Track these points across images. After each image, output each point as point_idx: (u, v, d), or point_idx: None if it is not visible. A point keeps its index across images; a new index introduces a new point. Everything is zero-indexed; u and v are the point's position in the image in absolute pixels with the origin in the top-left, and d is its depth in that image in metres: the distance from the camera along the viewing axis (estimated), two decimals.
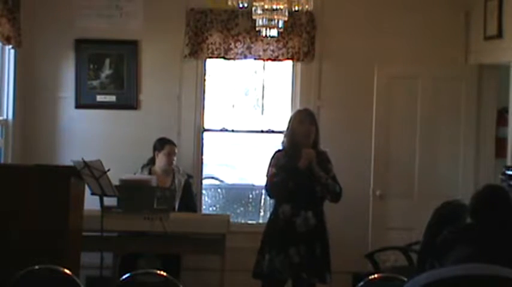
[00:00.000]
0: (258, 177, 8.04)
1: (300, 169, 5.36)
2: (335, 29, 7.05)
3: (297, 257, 5.37)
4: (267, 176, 5.53)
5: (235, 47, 6.94)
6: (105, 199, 5.58)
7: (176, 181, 6.61)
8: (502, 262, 2.29)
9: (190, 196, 6.71)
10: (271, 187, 5.49)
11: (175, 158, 6.67)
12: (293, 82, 7.24)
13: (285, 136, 5.59)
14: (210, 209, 8.93)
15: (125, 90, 7.06)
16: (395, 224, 6.94)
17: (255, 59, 7.07)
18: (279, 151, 5.59)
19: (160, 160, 6.62)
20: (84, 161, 5.33)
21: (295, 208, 5.42)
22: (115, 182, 5.81)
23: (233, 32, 6.93)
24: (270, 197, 5.71)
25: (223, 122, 8.08)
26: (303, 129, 5.47)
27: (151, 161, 6.69)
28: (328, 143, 6.99)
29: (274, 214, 5.55)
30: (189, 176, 6.76)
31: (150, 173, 6.61)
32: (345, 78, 7.10)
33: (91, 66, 7.03)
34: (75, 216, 5.30)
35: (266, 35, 5.50)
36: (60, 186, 5.22)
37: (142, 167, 6.68)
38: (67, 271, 4.04)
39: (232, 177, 10.50)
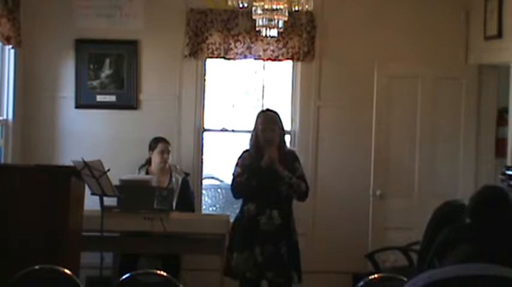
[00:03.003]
0: None
1: (263, 167, 5.38)
2: (335, 29, 7.06)
3: (261, 256, 5.39)
4: (233, 175, 5.55)
5: (235, 47, 6.94)
6: (105, 199, 5.58)
7: (173, 180, 6.61)
8: (502, 262, 2.29)
9: (188, 194, 6.71)
10: (236, 186, 5.53)
11: (169, 156, 6.67)
12: (293, 82, 7.24)
13: (251, 136, 5.61)
14: (210, 209, 8.94)
15: (125, 90, 7.06)
16: (395, 224, 6.94)
17: (255, 59, 7.07)
18: (246, 151, 5.63)
19: (155, 159, 6.64)
20: (84, 161, 5.33)
21: (260, 207, 5.45)
22: (115, 182, 5.81)
23: (233, 32, 6.93)
24: (234, 196, 5.71)
25: (223, 122, 8.08)
26: (265, 135, 5.49)
27: (148, 162, 6.70)
28: (329, 143, 7.04)
29: (240, 212, 5.59)
30: (187, 174, 6.75)
31: (147, 173, 6.61)
32: (345, 78, 7.10)
33: (91, 66, 7.03)
34: (75, 216, 5.30)
35: (266, 35, 5.50)
36: (60, 186, 5.22)
37: (140, 168, 6.69)
38: (67, 271, 4.04)
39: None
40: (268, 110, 5.76)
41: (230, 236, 5.63)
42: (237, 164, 5.58)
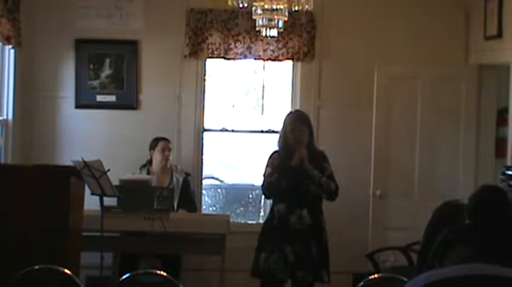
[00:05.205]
0: (258, 177, 8.04)
1: (293, 167, 5.40)
2: (335, 29, 7.06)
3: (292, 255, 5.42)
4: (264, 176, 5.58)
5: (235, 47, 6.94)
6: (105, 199, 5.58)
7: (174, 180, 6.62)
8: (501, 262, 2.29)
9: (189, 194, 6.71)
10: (267, 186, 5.56)
11: (170, 154, 6.68)
12: (293, 82, 7.24)
13: (279, 137, 5.63)
14: (210, 209, 8.94)
15: (125, 90, 7.06)
16: (396, 224, 6.94)
17: (255, 59, 7.07)
18: (275, 151, 5.65)
19: (156, 157, 6.65)
20: (84, 161, 5.33)
21: (290, 206, 5.47)
22: (115, 182, 5.81)
23: (233, 32, 6.93)
24: (265, 196, 5.76)
25: (223, 122, 8.08)
26: (294, 136, 5.52)
27: (149, 162, 6.70)
28: (328, 143, 7.03)
29: (271, 213, 5.62)
30: (187, 174, 6.76)
31: (148, 173, 6.62)
32: (345, 78, 7.10)
33: (91, 66, 7.03)
34: (75, 216, 5.30)
35: (266, 35, 5.50)
36: (60, 186, 5.22)
37: (141, 168, 6.70)
38: (67, 271, 4.04)
39: (232, 177, 10.50)
40: (296, 111, 5.81)
41: (259, 236, 5.63)
42: (267, 165, 5.60)
